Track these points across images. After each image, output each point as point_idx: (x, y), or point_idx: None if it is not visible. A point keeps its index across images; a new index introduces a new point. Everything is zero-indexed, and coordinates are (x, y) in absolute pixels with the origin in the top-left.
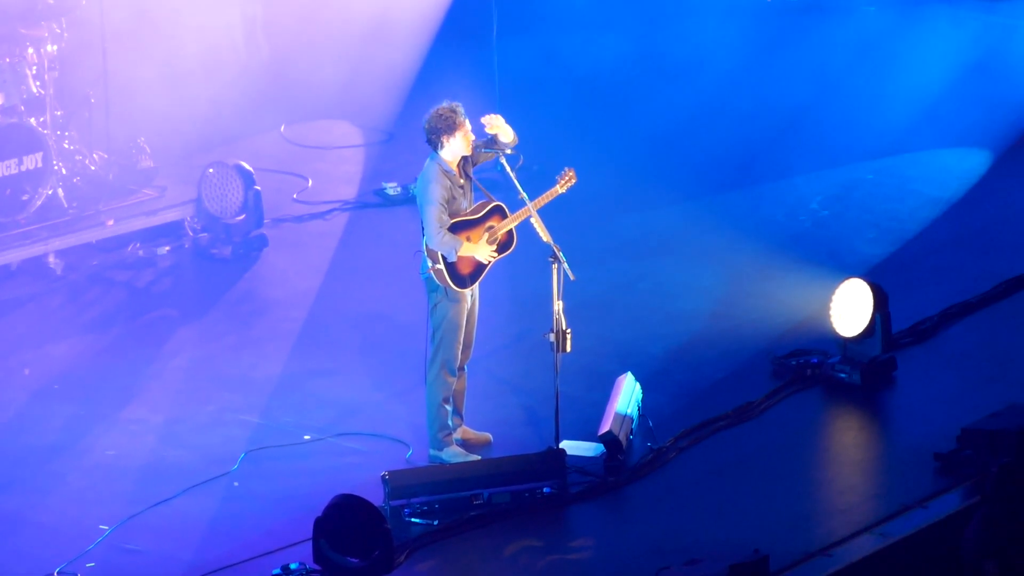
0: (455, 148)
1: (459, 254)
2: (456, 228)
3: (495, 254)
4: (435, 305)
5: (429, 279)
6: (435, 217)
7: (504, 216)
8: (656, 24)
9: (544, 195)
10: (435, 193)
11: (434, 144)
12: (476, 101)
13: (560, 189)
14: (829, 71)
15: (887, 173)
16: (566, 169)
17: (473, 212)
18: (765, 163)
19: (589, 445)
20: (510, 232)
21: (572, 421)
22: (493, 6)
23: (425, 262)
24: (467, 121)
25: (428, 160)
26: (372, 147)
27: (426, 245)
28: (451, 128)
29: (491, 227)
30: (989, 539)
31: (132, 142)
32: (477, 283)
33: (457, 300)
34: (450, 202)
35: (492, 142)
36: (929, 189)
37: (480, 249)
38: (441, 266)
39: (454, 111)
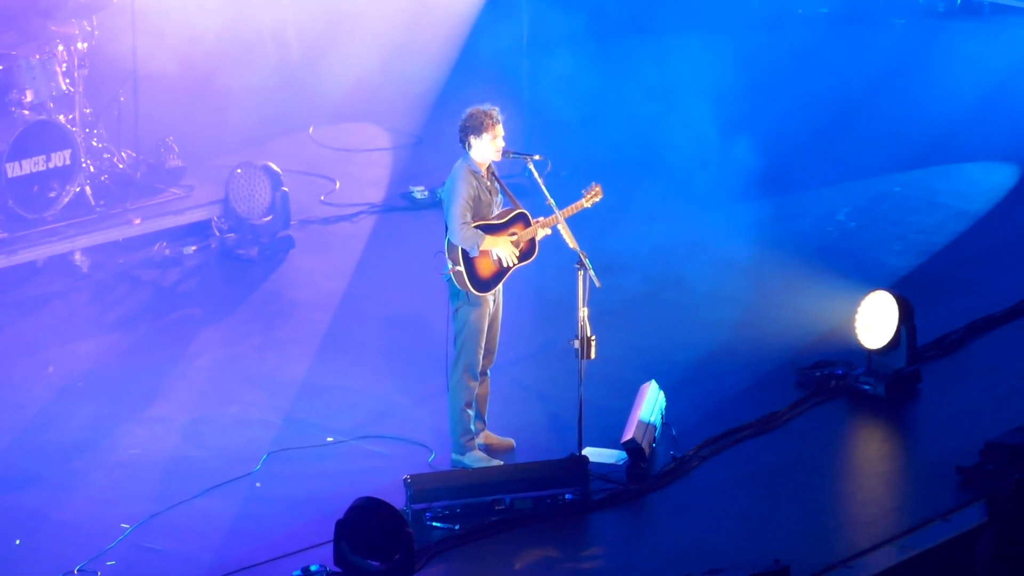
0: (482, 151)
1: (481, 248)
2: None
3: (516, 254)
4: (457, 309)
5: (451, 282)
6: (459, 213)
7: (528, 224)
8: (686, 35)
9: (569, 207)
10: (461, 191)
11: (463, 143)
12: (505, 107)
13: (586, 203)
14: (857, 83)
15: (915, 186)
16: (593, 184)
17: (498, 217)
18: (792, 174)
19: (612, 452)
20: (532, 241)
21: (595, 428)
22: (524, 10)
23: (447, 264)
24: (499, 127)
25: (459, 160)
26: (400, 150)
27: (447, 245)
28: (479, 130)
29: (514, 233)
30: (1002, 557)
31: (160, 141)
32: (499, 288)
33: (478, 304)
34: (476, 202)
35: (521, 152)
36: (956, 202)
37: (501, 244)
38: (461, 268)
39: (487, 114)
